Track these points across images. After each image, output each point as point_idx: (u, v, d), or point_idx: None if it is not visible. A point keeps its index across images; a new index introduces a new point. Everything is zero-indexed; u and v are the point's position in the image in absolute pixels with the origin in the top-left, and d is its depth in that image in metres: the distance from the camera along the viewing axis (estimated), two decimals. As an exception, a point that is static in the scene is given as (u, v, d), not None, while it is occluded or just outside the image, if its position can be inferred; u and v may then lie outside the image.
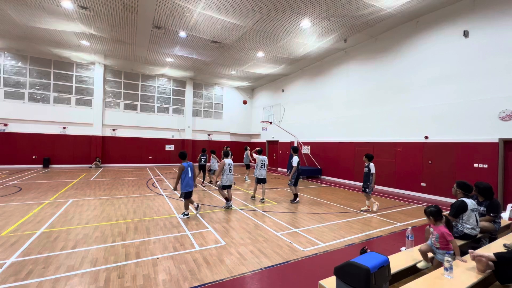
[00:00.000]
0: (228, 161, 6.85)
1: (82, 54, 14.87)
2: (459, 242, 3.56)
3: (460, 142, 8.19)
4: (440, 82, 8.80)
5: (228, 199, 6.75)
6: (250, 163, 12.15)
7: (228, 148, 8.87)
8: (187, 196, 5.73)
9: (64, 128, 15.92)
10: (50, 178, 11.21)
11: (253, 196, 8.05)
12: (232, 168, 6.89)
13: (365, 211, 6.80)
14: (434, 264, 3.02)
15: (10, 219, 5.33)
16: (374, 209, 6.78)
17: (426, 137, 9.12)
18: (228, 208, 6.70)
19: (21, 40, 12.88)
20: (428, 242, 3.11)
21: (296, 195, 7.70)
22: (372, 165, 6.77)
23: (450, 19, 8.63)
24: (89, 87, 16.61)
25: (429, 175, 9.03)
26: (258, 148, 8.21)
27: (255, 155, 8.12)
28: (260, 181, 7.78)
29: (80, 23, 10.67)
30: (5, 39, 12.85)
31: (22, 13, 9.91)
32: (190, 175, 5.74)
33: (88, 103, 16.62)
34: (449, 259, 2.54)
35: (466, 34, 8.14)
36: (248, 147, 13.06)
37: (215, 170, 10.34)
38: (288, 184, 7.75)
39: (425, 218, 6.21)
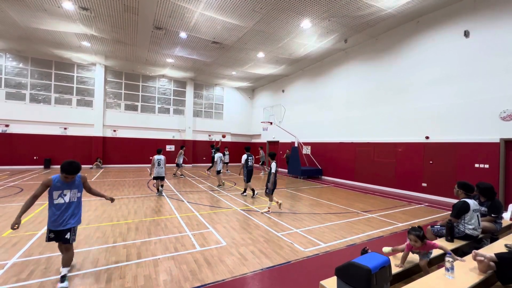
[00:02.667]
0: (157, 157, 8.32)
1: (83, 55, 14.91)
2: (461, 243, 3.56)
3: (461, 142, 8.18)
4: (440, 82, 8.79)
5: (158, 189, 8.32)
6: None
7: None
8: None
9: (65, 129, 15.95)
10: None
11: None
12: (161, 163, 8.26)
13: (267, 212, 6.42)
14: (423, 264, 2.98)
15: (11, 219, 5.33)
16: (278, 208, 6.66)
17: (427, 137, 9.11)
18: (159, 195, 8.13)
19: (22, 41, 12.92)
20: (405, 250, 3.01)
21: (245, 189, 8.60)
22: (273, 164, 6.44)
23: (450, 19, 8.63)
24: (90, 88, 16.65)
25: (430, 176, 9.02)
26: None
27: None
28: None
29: (81, 24, 10.70)
30: (6, 40, 12.90)
31: (23, 14, 9.95)
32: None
33: (89, 104, 16.66)
34: (450, 259, 2.54)
35: (466, 34, 8.13)
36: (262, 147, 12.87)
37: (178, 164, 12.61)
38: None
39: (426, 218, 6.23)
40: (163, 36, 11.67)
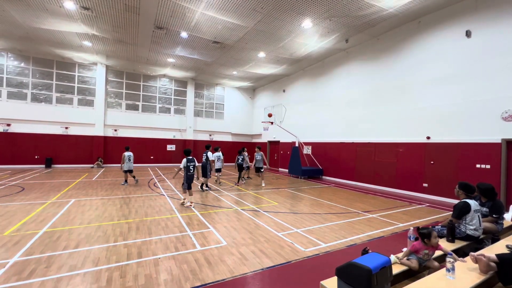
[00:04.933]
0: (127, 153, 9.83)
1: (84, 55, 14.94)
2: (462, 243, 3.56)
3: (463, 143, 8.15)
4: (442, 82, 8.76)
5: (126, 180, 9.82)
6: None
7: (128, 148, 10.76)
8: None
9: (66, 128, 15.99)
10: (52, 178, 11.27)
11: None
12: (131, 158, 9.87)
13: (188, 206, 6.78)
14: (427, 265, 2.97)
15: (12, 218, 5.36)
16: (188, 204, 6.84)
17: (428, 138, 9.09)
18: (123, 184, 9.49)
19: (24, 41, 12.96)
20: (413, 258, 2.92)
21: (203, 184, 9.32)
22: (183, 161, 6.88)
23: (452, 19, 8.60)
24: (91, 88, 16.69)
25: (431, 176, 9.00)
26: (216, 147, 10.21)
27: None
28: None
29: (82, 24, 10.72)
30: (8, 40, 12.93)
31: (25, 14, 9.97)
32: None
33: (90, 103, 16.69)
34: (451, 259, 2.53)
35: (468, 34, 8.11)
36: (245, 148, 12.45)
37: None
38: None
39: (427, 218, 6.21)
40: (164, 35, 11.68)
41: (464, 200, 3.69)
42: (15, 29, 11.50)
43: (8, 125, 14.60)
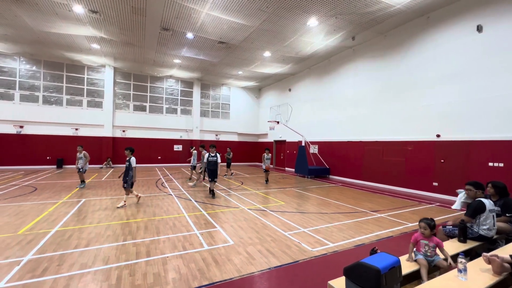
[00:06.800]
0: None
1: (93, 57, 15.24)
2: (474, 244, 3.47)
3: (474, 140, 7.94)
4: (452, 79, 8.56)
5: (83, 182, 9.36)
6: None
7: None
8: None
9: (76, 129, 16.36)
10: (63, 178, 11.55)
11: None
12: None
13: (122, 206, 6.56)
14: (437, 265, 2.93)
15: (26, 218, 5.52)
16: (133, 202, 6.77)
17: (438, 136, 8.90)
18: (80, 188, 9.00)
19: (35, 45, 13.31)
20: (420, 256, 2.92)
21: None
22: (133, 159, 6.78)
23: (463, 14, 8.38)
24: (99, 89, 17.01)
25: (441, 174, 8.80)
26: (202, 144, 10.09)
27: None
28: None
29: (90, 27, 10.93)
30: (21, 44, 13.31)
31: (36, 19, 10.24)
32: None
33: (99, 105, 17.02)
34: (463, 260, 2.47)
35: (479, 28, 7.88)
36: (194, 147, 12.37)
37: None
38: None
39: (437, 218, 6.08)
40: (170, 37, 11.79)
41: (479, 199, 3.60)
42: (27, 34, 11.83)
43: (21, 127, 15.04)
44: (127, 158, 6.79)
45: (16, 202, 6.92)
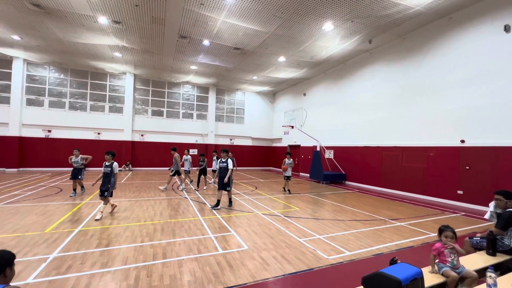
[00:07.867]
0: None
1: (115, 65, 16.04)
2: (504, 257, 3.23)
3: (504, 146, 7.46)
4: (476, 81, 8.13)
5: (75, 189, 8.58)
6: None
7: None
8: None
9: (98, 133, 17.18)
10: (86, 180, 12.08)
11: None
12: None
13: (100, 219, 5.80)
14: (464, 276, 2.73)
15: (52, 217, 5.83)
16: (98, 216, 5.81)
17: (463, 141, 8.45)
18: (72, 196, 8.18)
19: (63, 54, 14.23)
20: (447, 268, 2.70)
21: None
22: (115, 164, 6.15)
23: (488, 13, 7.99)
24: (120, 95, 17.82)
25: (466, 182, 8.32)
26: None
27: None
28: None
29: (113, 37, 11.54)
30: (51, 54, 14.29)
31: (65, 30, 10.97)
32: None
33: (119, 110, 17.80)
34: (493, 274, 2.32)
35: (507, 28, 7.47)
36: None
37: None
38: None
39: (463, 228, 5.74)
40: (188, 44, 12.17)
41: (510, 209, 3.36)
42: (56, 44, 12.69)
43: (49, 131, 16.02)
44: (108, 163, 6.10)
45: (43, 202, 7.34)
